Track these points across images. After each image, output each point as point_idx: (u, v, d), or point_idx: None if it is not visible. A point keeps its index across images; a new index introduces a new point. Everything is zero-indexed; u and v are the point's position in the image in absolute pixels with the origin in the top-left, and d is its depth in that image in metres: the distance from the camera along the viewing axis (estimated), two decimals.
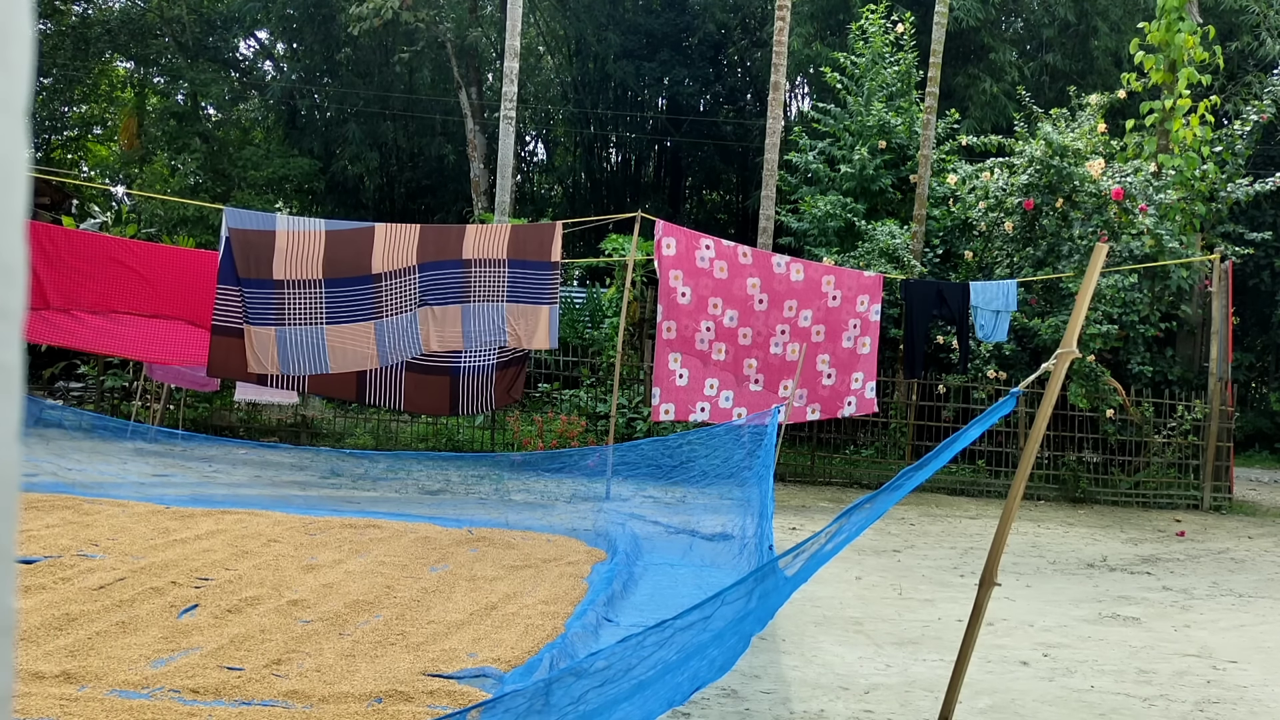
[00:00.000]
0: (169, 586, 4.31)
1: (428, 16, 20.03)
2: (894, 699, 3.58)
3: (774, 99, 12.13)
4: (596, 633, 4.04)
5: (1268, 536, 8.79)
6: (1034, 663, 4.20)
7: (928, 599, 5.38)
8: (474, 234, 8.00)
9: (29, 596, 3.99)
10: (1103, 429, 10.87)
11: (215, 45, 22.63)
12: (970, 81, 18.24)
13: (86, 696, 2.98)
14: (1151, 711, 3.62)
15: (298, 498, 7.41)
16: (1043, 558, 7.01)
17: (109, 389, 12.22)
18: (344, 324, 7.77)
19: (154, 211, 18.88)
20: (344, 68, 21.95)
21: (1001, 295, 10.01)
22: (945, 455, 2.87)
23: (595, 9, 22.57)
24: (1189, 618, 5.29)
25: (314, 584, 4.57)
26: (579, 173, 26.43)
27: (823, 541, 2.55)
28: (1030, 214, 11.46)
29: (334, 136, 22.57)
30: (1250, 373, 20.51)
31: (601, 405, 11.50)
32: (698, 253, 8.73)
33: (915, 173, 12.81)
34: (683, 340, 8.68)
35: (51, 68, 21.56)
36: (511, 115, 13.87)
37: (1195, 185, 11.72)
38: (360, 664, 3.46)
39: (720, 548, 5.95)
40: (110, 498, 6.54)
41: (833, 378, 9.27)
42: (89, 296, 8.27)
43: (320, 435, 12.24)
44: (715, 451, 6.56)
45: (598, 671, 2.25)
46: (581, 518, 6.90)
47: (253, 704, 3.02)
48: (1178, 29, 11.77)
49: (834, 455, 11.97)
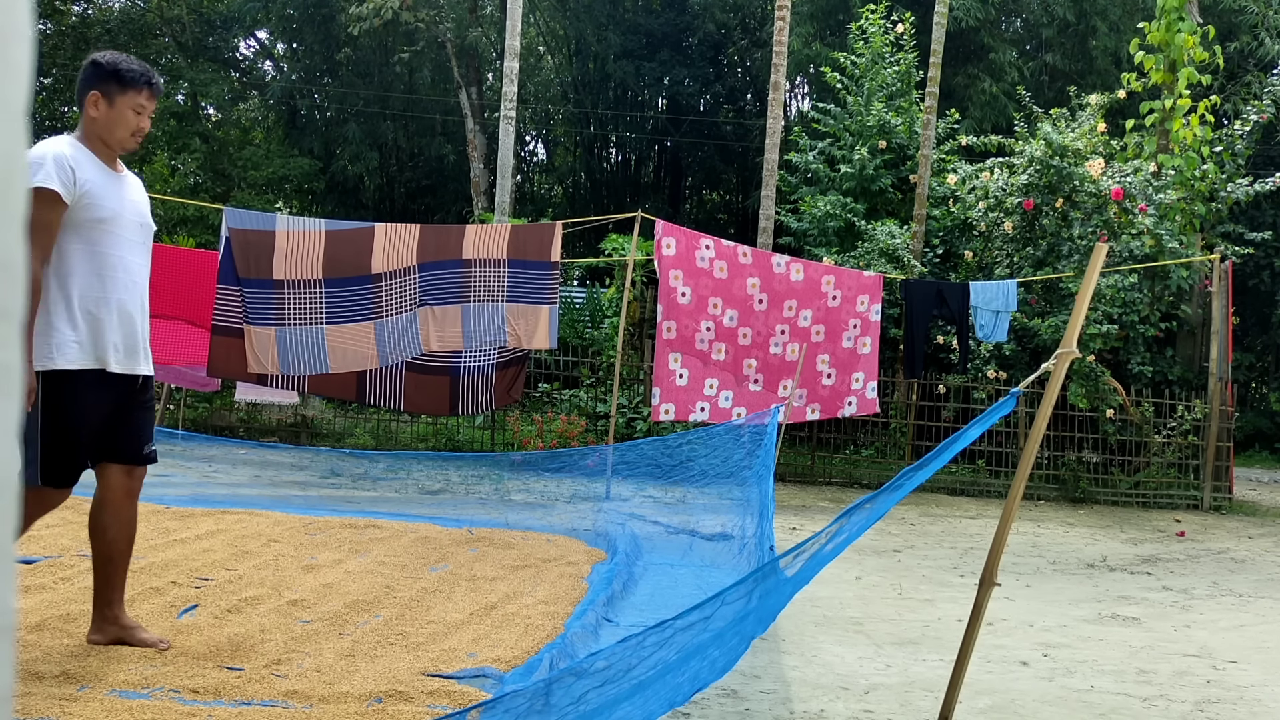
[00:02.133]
0: (169, 586, 4.31)
1: (428, 16, 20.03)
2: (894, 699, 3.58)
3: (774, 99, 12.13)
4: (596, 633, 4.04)
5: (1268, 536, 8.79)
6: (1034, 663, 4.20)
7: (928, 599, 5.38)
8: (474, 234, 8.00)
9: (29, 596, 3.99)
10: (1103, 429, 10.88)
11: (215, 45, 22.63)
12: (970, 81, 18.25)
13: (86, 696, 2.98)
14: (1151, 711, 3.62)
15: (298, 498, 7.41)
16: (1043, 558, 7.01)
17: None
18: (344, 324, 7.77)
19: (154, 211, 18.86)
20: (344, 68, 21.94)
21: (1001, 295, 10.01)
22: (945, 455, 2.87)
23: (595, 9, 22.56)
24: (1189, 618, 5.29)
25: (314, 584, 4.57)
26: (579, 173, 26.43)
27: (823, 542, 2.55)
28: (1030, 214, 11.46)
29: (334, 136, 22.56)
30: (1250, 373, 20.52)
31: (601, 405, 11.50)
32: (698, 253, 8.73)
33: (915, 173, 12.81)
34: (683, 340, 8.68)
35: (51, 68, 21.56)
36: (511, 115, 13.87)
37: (1195, 185, 11.72)
38: (360, 664, 3.46)
39: (720, 548, 5.95)
40: None
41: (833, 378, 9.27)
42: None
43: (320, 435, 12.24)
44: (715, 451, 6.56)
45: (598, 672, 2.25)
46: (581, 518, 6.90)
47: (253, 704, 3.02)
48: (1178, 29, 11.77)
49: (834, 455, 11.97)
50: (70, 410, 3.29)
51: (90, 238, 3.33)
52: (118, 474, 3.47)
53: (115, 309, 3.39)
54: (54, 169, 3.24)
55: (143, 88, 3.44)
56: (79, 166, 3.31)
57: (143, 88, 3.44)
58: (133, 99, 3.42)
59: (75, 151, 3.35)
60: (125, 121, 3.42)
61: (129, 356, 3.45)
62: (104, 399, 3.37)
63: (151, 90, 3.49)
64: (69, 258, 3.31)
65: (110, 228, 3.38)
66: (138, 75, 3.44)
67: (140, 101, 3.44)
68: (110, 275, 3.38)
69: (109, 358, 3.36)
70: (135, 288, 3.49)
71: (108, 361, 3.35)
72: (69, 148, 3.34)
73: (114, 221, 3.39)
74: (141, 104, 3.45)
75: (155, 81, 3.51)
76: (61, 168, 3.25)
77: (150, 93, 3.48)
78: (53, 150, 3.28)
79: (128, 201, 3.49)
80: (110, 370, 3.37)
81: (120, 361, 3.41)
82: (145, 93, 3.45)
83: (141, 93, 3.44)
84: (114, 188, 3.44)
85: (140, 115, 3.45)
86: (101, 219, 3.35)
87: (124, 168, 3.57)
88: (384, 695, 3.14)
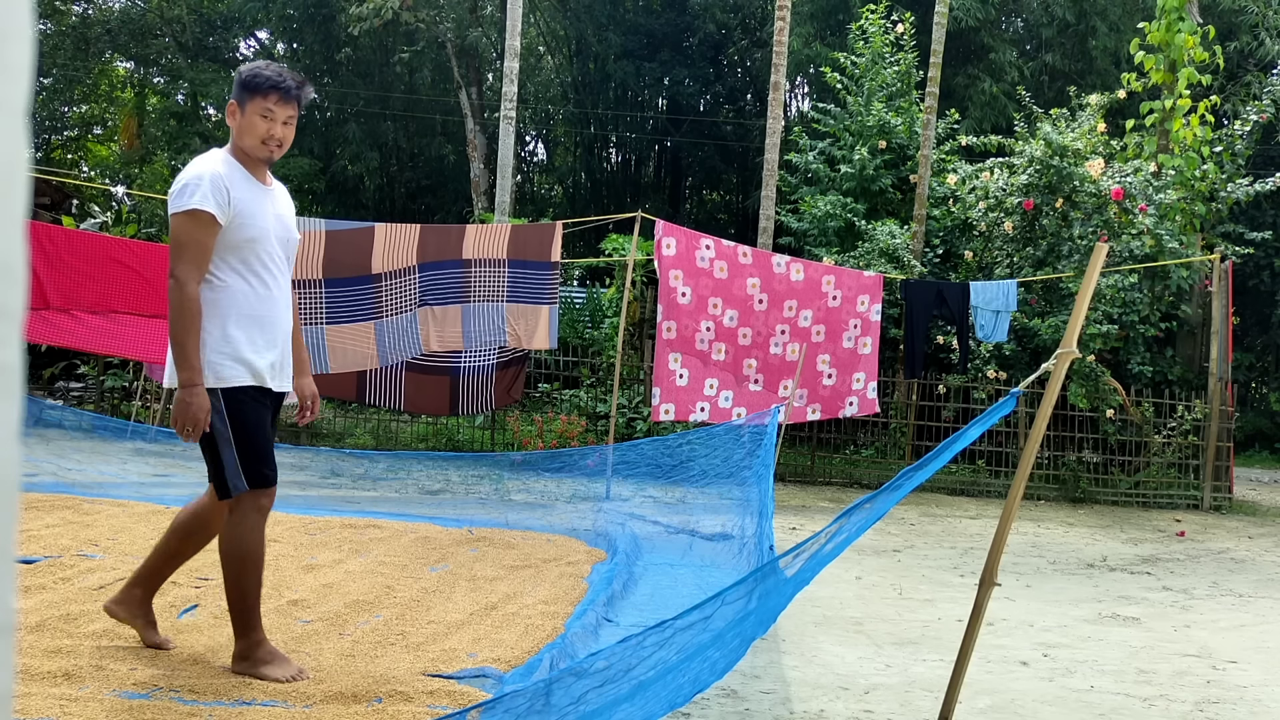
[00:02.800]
0: (169, 586, 4.31)
1: (428, 16, 20.03)
2: (894, 699, 3.58)
3: (774, 99, 12.13)
4: (596, 633, 4.04)
5: (1268, 536, 8.79)
6: (1034, 663, 4.20)
7: (928, 599, 5.38)
8: (474, 234, 8.00)
9: (29, 596, 3.99)
10: (1103, 429, 10.87)
11: (215, 45, 22.63)
12: (970, 81, 18.25)
13: (87, 696, 2.98)
14: (1151, 711, 3.62)
15: (298, 498, 7.40)
16: (1043, 558, 7.01)
17: (109, 389, 12.22)
18: (344, 324, 7.77)
19: (154, 211, 18.88)
20: (344, 68, 21.95)
21: (1001, 295, 10.01)
22: (945, 456, 2.86)
23: (595, 9, 22.56)
24: (1189, 618, 5.29)
25: (314, 584, 4.57)
26: (579, 173, 26.43)
27: (823, 542, 2.55)
28: (1030, 214, 11.46)
29: (334, 136, 22.56)
30: (1250, 373, 20.52)
31: (601, 405, 11.49)
32: (698, 253, 8.73)
33: (915, 173, 12.80)
34: (683, 340, 8.68)
35: (51, 68, 21.56)
36: (511, 115, 13.87)
37: (1195, 185, 11.72)
38: (360, 664, 3.46)
39: (720, 548, 5.95)
40: (110, 498, 6.54)
41: (833, 378, 9.27)
42: (89, 296, 8.27)
43: (320, 435, 12.24)
44: (715, 451, 6.56)
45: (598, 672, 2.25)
46: (581, 518, 6.90)
47: (253, 704, 3.02)
48: (1178, 29, 11.77)
49: (834, 455, 11.97)
50: (250, 420, 3.32)
51: (242, 256, 3.30)
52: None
53: (269, 327, 3.36)
54: (210, 190, 3.20)
55: (269, 92, 3.31)
56: (233, 185, 3.28)
57: (269, 92, 3.31)
58: (260, 104, 3.31)
59: (229, 169, 3.31)
60: (254, 128, 3.32)
61: (281, 374, 3.45)
62: (266, 413, 3.40)
63: (281, 94, 3.33)
64: (224, 276, 3.29)
65: (260, 245, 3.34)
66: (264, 79, 3.32)
67: (268, 106, 3.31)
68: (263, 293, 3.35)
69: (265, 374, 3.36)
70: (279, 304, 3.43)
71: (264, 378, 3.35)
72: (223, 165, 3.30)
73: (263, 240, 3.34)
74: (269, 108, 3.31)
75: (286, 85, 3.34)
76: (217, 189, 3.23)
77: (279, 96, 3.32)
78: (209, 170, 3.25)
79: (274, 216, 3.43)
80: (267, 387, 3.38)
81: (275, 379, 3.42)
82: (273, 97, 3.32)
83: (269, 97, 3.31)
84: (262, 203, 3.38)
85: (269, 121, 3.32)
86: (252, 238, 3.31)
87: (273, 179, 3.51)
88: (384, 695, 3.14)
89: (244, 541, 3.30)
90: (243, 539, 3.30)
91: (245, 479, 3.30)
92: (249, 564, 3.30)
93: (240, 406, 3.30)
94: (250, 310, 3.32)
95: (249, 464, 3.31)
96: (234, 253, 3.30)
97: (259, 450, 3.34)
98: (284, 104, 3.34)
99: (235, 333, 3.28)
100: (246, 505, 3.32)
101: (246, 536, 3.31)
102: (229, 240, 3.27)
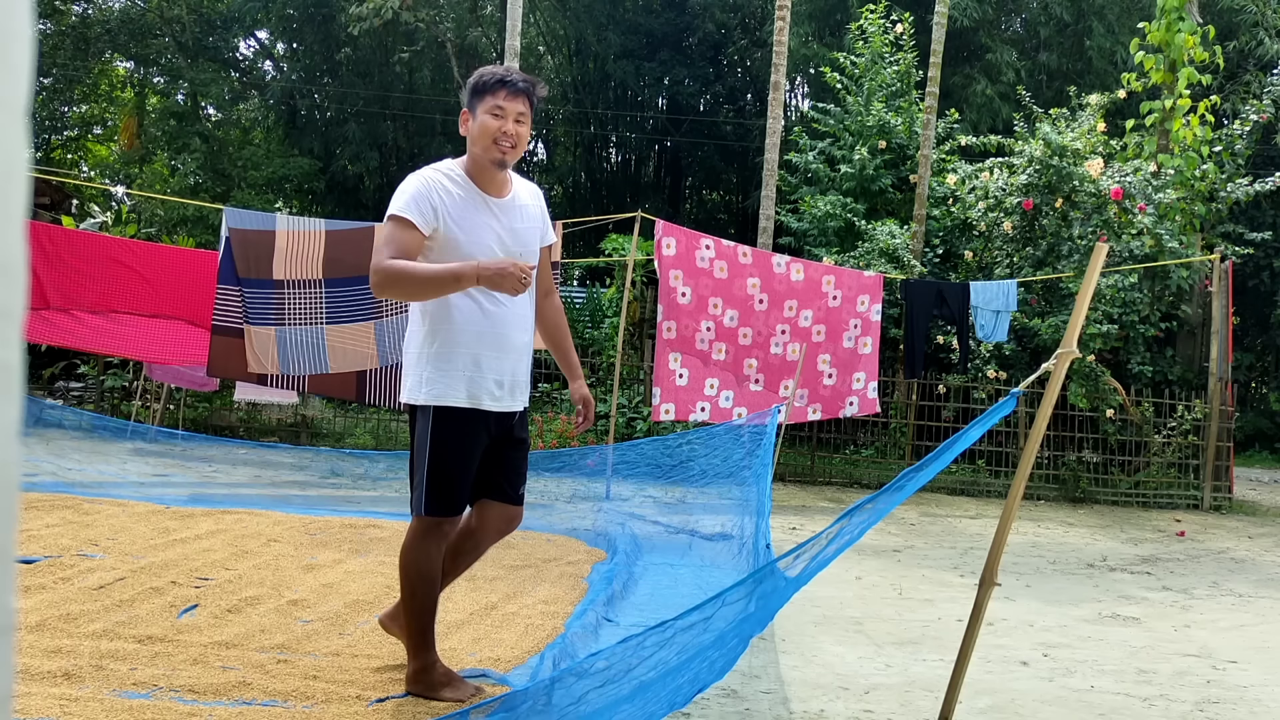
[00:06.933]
0: (169, 586, 4.31)
1: (428, 16, 20.03)
2: (894, 699, 3.58)
3: (774, 99, 12.12)
4: (596, 633, 4.04)
5: (1268, 536, 8.79)
6: (1034, 663, 4.20)
7: (928, 599, 5.38)
8: None
9: (29, 596, 3.99)
10: (1103, 429, 10.87)
11: (215, 45, 22.61)
12: (969, 81, 18.24)
13: (87, 696, 2.98)
14: (1151, 711, 3.62)
15: (298, 498, 7.41)
16: (1043, 558, 7.01)
17: (109, 389, 12.22)
18: (344, 324, 7.77)
19: (154, 211, 18.88)
20: (344, 68, 21.93)
21: (1001, 295, 10.01)
22: (946, 457, 2.86)
23: (595, 9, 22.56)
24: (1189, 618, 5.29)
25: (314, 584, 4.57)
26: (579, 173, 26.42)
27: (823, 543, 2.55)
28: (1030, 214, 11.46)
29: (334, 136, 22.55)
30: (1250, 373, 20.52)
31: (601, 405, 11.50)
32: (698, 252, 8.73)
33: (915, 173, 12.81)
34: (683, 340, 8.68)
35: (51, 68, 21.55)
36: None
37: (1195, 185, 11.72)
38: (360, 664, 3.46)
39: (720, 547, 5.96)
40: (110, 498, 6.54)
41: (834, 378, 9.27)
42: (89, 296, 8.27)
43: (320, 435, 12.24)
44: (715, 451, 6.57)
45: (598, 672, 2.25)
46: (581, 517, 6.90)
47: (253, 704, 3.02)
48: (1178, 29, 11.77)
49: (834, 455, 11.97)
50: (450, 446, 3.16)
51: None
52: (495, 511, 3.35)
53: (495, 344, 3.17)
54: (411, 201, 3.08)
55: (497, 89, 3.13)
56: (446, 197, 3.12)
57: (497, 89, 3.13)
58: (489, 103, 3.13)
59: (449, 182, 3.16)
60: (485, 129, 3.13)
61: (507, 394, 3.24)
62: (481, 438, 3.21)
63: (509, 89, 3.13)
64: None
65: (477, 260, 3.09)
66: (490, 75, 3.17)
67: (497, 104, 3.12)
68: (490, 309, 3.16)
69: (484, 396, 3.17)
70: (508, 321, 3.21)
71: (482, 400, 3.17)
72: (444, 178, 3.16)
73: (482, 257, 3.08)
74: (499, 105, 3.12)
75: (512, 79, 3.15)
76: (421, 199, 3.09)
77: (508, 92, 3.13)
78: (420, 180, 3.14)
79: (501, 231, 3.20)
80: (484, 409, 3.19)
81: (496, 399, 3.21)
82: (502, 93, 3.13)
83: (498, 94, 3.13)
84: (482, 216, 3.17)
85: (500, 119, 3.12)
86: (470, 255, 3.08)
87: (512, 189, 3.29)
88: (384, 695, 3.14)
89: (417, 563, 3.18)
90: (415, 560, 3.18)
91: (426, 503, 3.16)
92: (421, 585, 3.18)
93: (444, 427, 3.14)
94: (475, 327, 3.14)
95: (435, 488, 3.16)
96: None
97: (450, 476, 3.17)
98: (513, 99, 3.15)
99: (456, 351, 3.13)
100: (426, 527, 3.19)
101: (419, 559, 3.18)
102: (446, 259, 3.09)
